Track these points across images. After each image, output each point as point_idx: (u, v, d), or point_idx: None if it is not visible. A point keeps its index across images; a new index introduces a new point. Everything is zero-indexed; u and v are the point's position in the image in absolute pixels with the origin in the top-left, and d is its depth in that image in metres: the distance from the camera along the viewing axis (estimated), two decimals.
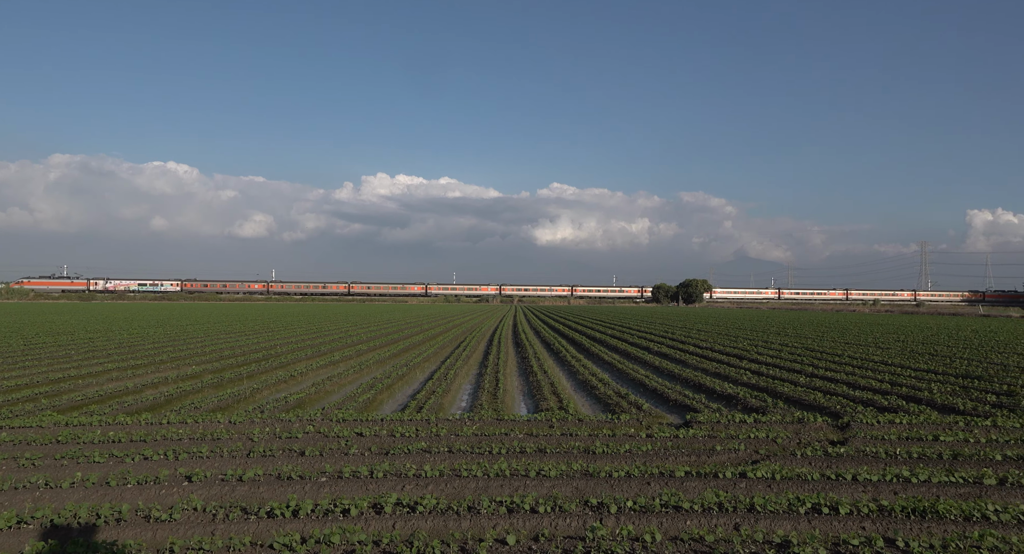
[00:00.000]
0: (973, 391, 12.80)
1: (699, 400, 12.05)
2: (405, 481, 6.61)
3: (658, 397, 13.32)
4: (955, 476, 6.69)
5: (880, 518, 5.47)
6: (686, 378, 15.52)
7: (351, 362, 19.38)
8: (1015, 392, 12.48)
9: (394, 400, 13.22)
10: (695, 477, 6.76)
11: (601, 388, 13.68)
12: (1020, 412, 10.56)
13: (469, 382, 15.81)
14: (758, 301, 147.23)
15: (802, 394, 12.40)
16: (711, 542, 5.02)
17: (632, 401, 11.92)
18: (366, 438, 8.67)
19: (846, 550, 4.88)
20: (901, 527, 5.30)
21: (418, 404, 11.56)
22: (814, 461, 7.51)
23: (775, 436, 8.76)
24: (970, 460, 7.47)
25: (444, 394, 12.99)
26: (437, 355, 22.07)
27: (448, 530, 5.36)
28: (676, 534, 5.22)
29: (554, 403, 11.77)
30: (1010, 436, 8.72)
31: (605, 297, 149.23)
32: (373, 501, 5.96)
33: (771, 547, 4.92)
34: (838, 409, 10.82)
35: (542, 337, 30.69)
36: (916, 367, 16.94)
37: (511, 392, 14.19)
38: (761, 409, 11.13)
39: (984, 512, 5.54)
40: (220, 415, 10.13)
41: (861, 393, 12.52)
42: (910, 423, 9.58)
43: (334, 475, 6.92)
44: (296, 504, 5.78)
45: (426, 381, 15.10)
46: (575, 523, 5.46)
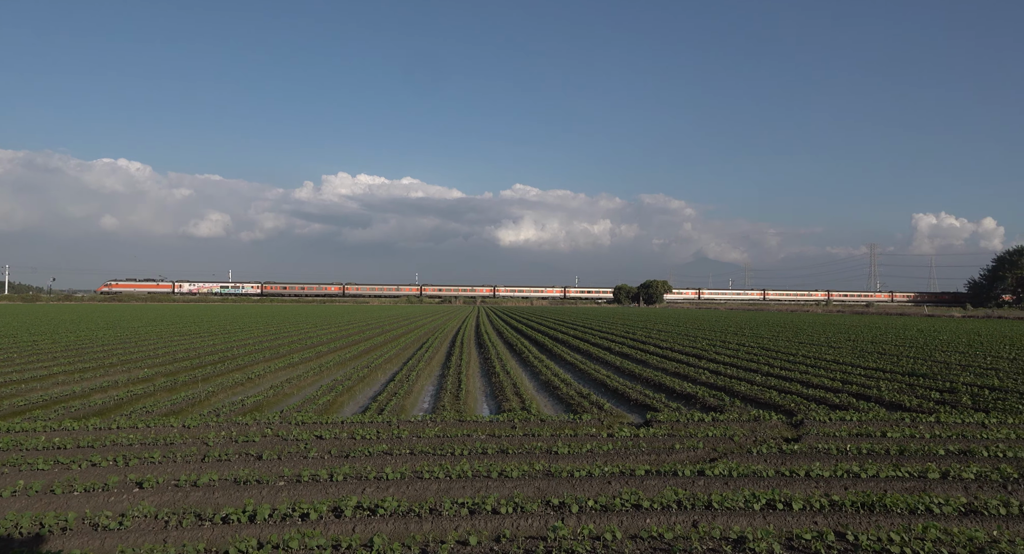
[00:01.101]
0: (918, 388, 13.32)
1: (659, 399, 12.23)
2: (366, 484, 6.53)
3: (619, 397, 13.48)
4: (901, 471, 6.95)
5: (831, 512, 5.65)
6: (647, 378, 15.74)
7: (311, 364, 19.06)
8: (957, 389, 13.03)
9: (355, 402, 13.05)
10: (655, 475, 6.86)
11: (563, 388, 13.76)
12: (961, 408, 11.03)
13: (431, 383, 15.72)
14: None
15: (758, 393, 12.70)
16: (670, 539, 5.10)
17: (594, 401, 12.03)
18: (326, 441, 8.53)
19: (799, 545, 5.02)
20: (851, 521, 5.48)
21: (379, 406, 11.44)
22: (769, 458, 7.70)
23: (732, 434, 8.96)
24: (915, 455, 7.77)
25: (406, 395, 12.89)
26: (399, 356, 21.88)
27: (409, 532, 5.32)
28: (636, 532, 5.29)
29: (516, 404, 11.80)
30: (952, 431, 9.10)
31: (568, 298, 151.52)
32: (333, 505, 5.87)
33: (728, 543, 5.03)
34: (792, 407, 11.12)
35: (505, 338, 30.72)
36: (866, 366, 17.54)
37: (474, 393, 14.16)
38: (719, 408, 11.37)
39: (928, 505, 5.77)
40: (173, 419, 9.84)
41: (814, 391, 12.89)
42: (860, 420, 9.91)
43: (293, 479, 6.80)
44: (253, 509, 5.66)
45: (388, 383, 14.95)
46: (537, 523, 5.48)
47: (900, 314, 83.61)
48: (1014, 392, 12.60)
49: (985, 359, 19.24)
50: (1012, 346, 24.53)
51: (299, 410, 10.88)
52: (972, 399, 11.83)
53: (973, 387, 13.29)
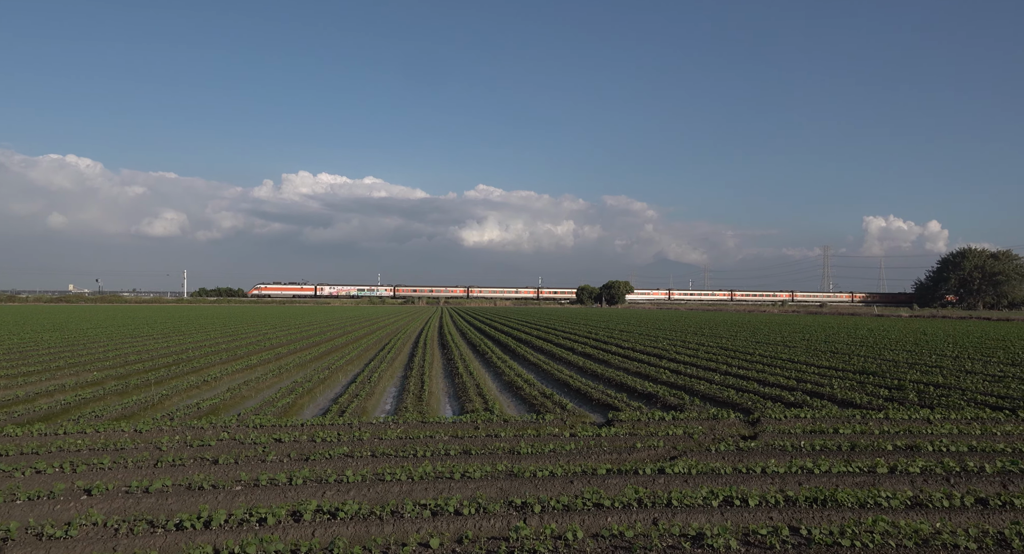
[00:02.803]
0: (868, 386, 13.79)
1: (621, 399, 12.37)
2: (326, 487, 6.44)
3: (582, 397, 13.59)
4: (852, 466, 7.18)
5: (786, 508, 5.80)
6: (609, 378, 15.90)
7: (270, 366, 18.68)
8: (904, 386, 13.54)
9: (315, 404, 12.85)
10: (616, 474, 6.93)
11: (527, 389, 13.80)
12: (908, 405, 11.46)
13: (394, 385, 15.58)
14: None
15: (717, 392, 12.96)
16: (630, 537, 5.17)
17: (557, 401, 12.10)
18: (285, 444, 8.38)
19: (755, 540, 5.14)
20: (804, 516, 5.64)
21: (340, 408, 11.28)
22: (727, 456, 7.87)
23: (692, 432, 9.12)
24: (865, 451, 8.04)
25: (368, 397, 12.74)
26: (361, 357, 21.63)
27: (370, 535, 5.26)
28: (597, 531, 5.34)
29: (480, 404, 11.78)
30: (900, 427, 9.45)
31: (531, 299, 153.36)
32: (292, 509, 5.76)
33: (686, 540, 5.11)
34: (750, 405, 11.38)
35: (468, 338, 30.66)
36: (819, 364, 18.07)
37: (436, 394, 14.09)
38: (679, 407, 11.56)
39: (876, 499, 5.98)
40: (124, 423, 9.52)
41: (770, 390, 13.23)
42: (813, 417, 10.20)
43: (250, 483, 6.65)
44: (208, 515, 5.51)
45: (349, 384, 14.76)
46: (499, 524, 5.48)
47: (852, 314, 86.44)
48: (956, 389, 13.15)
49: (930, 357, 20.03)
50: (955, 345, 25.60)
51: (257, 413, 10.65)
52: (918, 396, 12.31)
53: (919, 384, 13.82)
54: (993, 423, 9.71)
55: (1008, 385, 13.64)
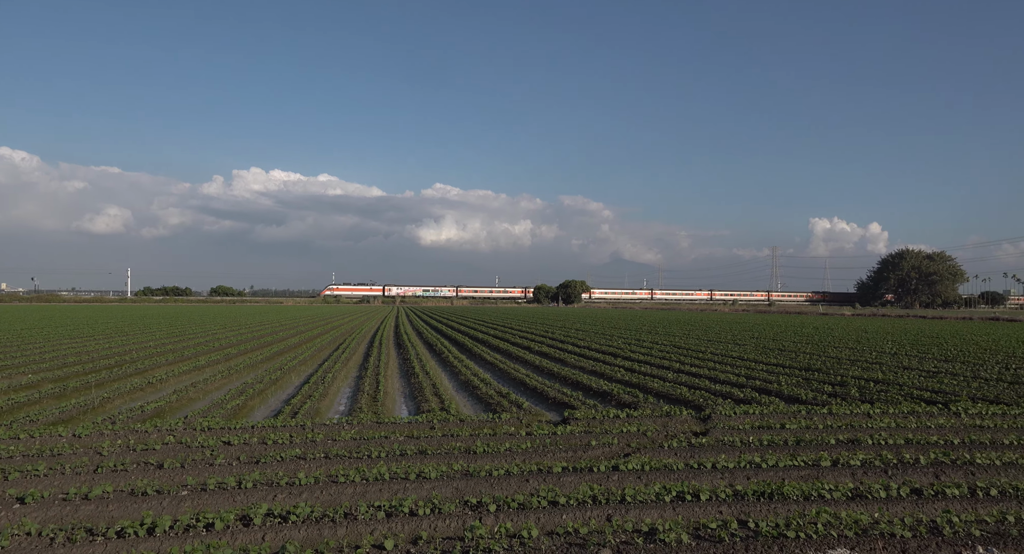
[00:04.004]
0: (813, 382, 14.29)
1: (577, 397, 12.49)
2: (277, 490, 6.29)
3: (538, 395, 13.66)
4: (798, 460, 7.43)
5: (735, 502, 5.96)
6: (565, 376, 16.03)
7: (219, 367, 18.16)
8: (847, 383, 14.08)
9: (267, 406, 12.55)
10: (571, 472, 6.99)
11: (483, 388, 13.80)
12: (850, 400, 11.92)
13: (348, 385, 15.36)
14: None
15: (670, 389, 13.22)
16: (585, 534, 5.22)
17: (513, 400, 12.13)
18: (234, 447, 8.15)
19: (705, 534, 5.26)
20: (753, 509, 5.80)
21: (293, 409, 11.06)
22: (679, 452, 8.03)
23: (645, 430, 9.28)
24: (810, 445, 8.33)
25: (321, 398, 12.52)
26: (314, 358, 21.24)
27: (323, 538, 5.17)
28: (552, 529, 5.38)
29: (436, 404, 11.72)
30: (842, 422, 9.82)
31: (488, 298, 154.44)
32: (241, 513, 5.61)
33: (639, 535, 5.20)
34: (701, 402, 11.65)
35: (425, 338, 30.45)
36: (767, 361, 18.63)
37: (392, 394, 13.95)
38: (633, 404, 11.74)
39: (820, 491, 6.20)
40: (62, 428, 9.10)
41: (721, 387, 13.57)
42: (762, 413, 10.51)
43: (197, 488, 6.45)
44: (152, 521, 5.32)
45: (302, 385, 14.47)
46: (454, 524, 5.46)
47: (799, 313, 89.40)
48: (895, 384, 13.75)
49: (871, 354, 20.89)
50: (894, 342, 26.77)
51: (205, 415, 10.34)
52: (859, 392, 12.81)
53: (860, 380, 14.39)
54: (928, 417, 10.19)
55: (941, 381, 14.33)
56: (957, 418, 10.04)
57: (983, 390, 12.88)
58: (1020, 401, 11.60)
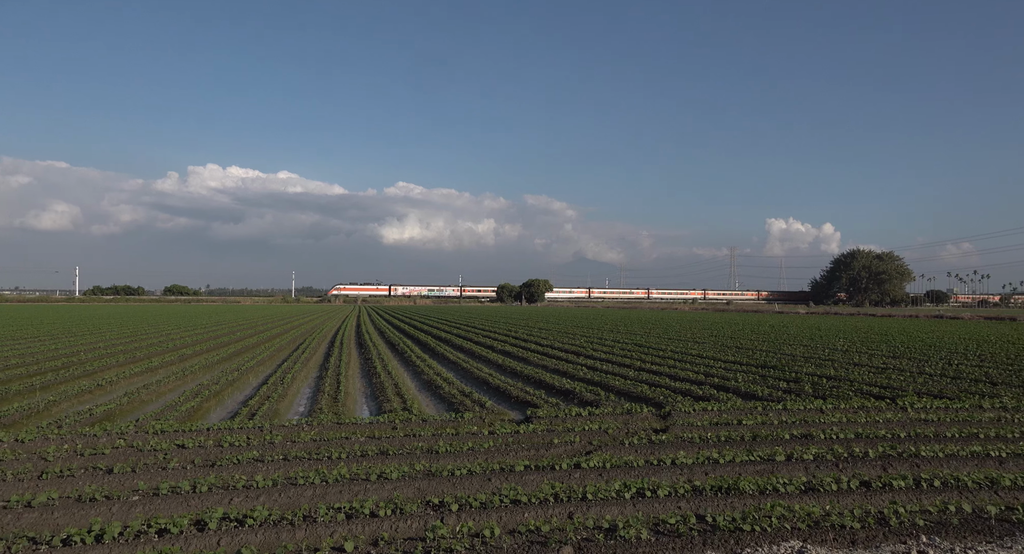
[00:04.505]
0: (769, 379, 14.66)
1: (539, 396, 12.54)
2: (233, 493, 6.15)
3: (501, 394, 13.67)
4: (753, 455, 7.61)
5: (693, 497, 6.07)
6: (528, 375, 16.08)
7: (174, 368, 17.65)
8: (801, 379, 14.49)
9: (223, 407, 12.25)
10: (534, 470, 7.02)
11: (446, 387, 13.74)
12: (804, 396, 12.27)
13: (308, 386, 15.10)
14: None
15: (631, 387, 13.39)
16: (547, 532, 5.25)
17: (476, 399, 12.11)
18: (189, 450, 7.93)
19: (665, 529, 5.35)
20: (710, 504, 5.92)
21: (250, 411, 10.81)
22: (640, 449, 8.14)
23: (607, 427, 9.37)
24: (766, 440, 8.54)
25: (280, 399, 12.29)
26: (273, 358, 20.82)
27: (280, 542, 5.07)
28: (514, 527, 5.39)
29: (398, 404, 11.62)
30: (796, 418, 10.10)
31: (452, 297, 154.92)
32: (195, 518, 5.47)
33: (600, 532, 5.25)
34: (661, 400, 11.83)
35: (387, 337, 30.16)
36: (725, 359, 19.04)
37: (353, 394, 13.78)
38: (595, 402, 11.85)
39: (775, 485, 6.36)
40: (3, 433, 8.71)
41: (681, 384, 13.80)
42: (720, 410, 10.73)
43: (149, 493, 6.25)
44: (101, 528, 5.14)
45: (260, 386, 14.17)
46: (416, 524, 5.43)
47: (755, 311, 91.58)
48: (846, 380, 14.21)
49: (824, 352, 21.54)
50: (845, 339, 27.66)
51: (158, 418, 10.04)
52: (813, 388, 13.20)
53: (814, 377, 14.83)
54: (876, 411, 10.56)
55: (889, 376, 14.87)
56: (904, 412, 10.43)
57: (928, 385, 13.41)
58: (962, 396, 12.11)
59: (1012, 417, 10.04)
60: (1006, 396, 12.00)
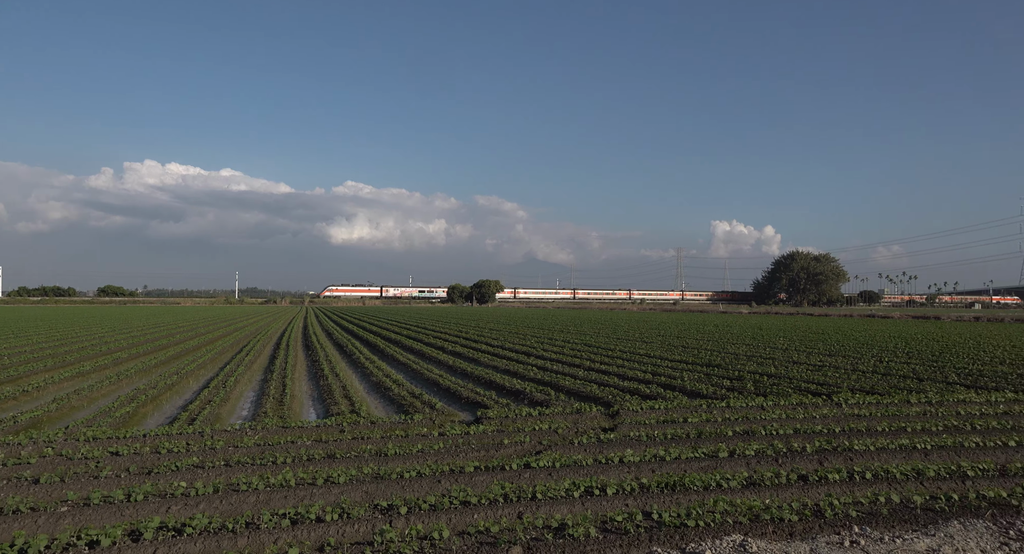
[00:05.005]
0: (714, 377, 15.07)
1: (490, 396, 12.55)
2: (171, 502, 5.92)
3: (451, 395, 13.61)
4: (698, 452, 7.82)
5: (640, 494, 6.19)
6: (478, 376, 16.07)
7: (107, 372, 16.87)
8: (743, 377, 14.96)
9: (161, 413, 11.79)
10: (484, 471, 7.02)
11: (395, 389, 13.59)
12: (746, 394, 12.67)
13: (252, 389, 14.68)
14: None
15: (580, 386, 13.54)
16: (496, 532, 5.26)
17: (426, 401, 12.03)
18: (123, 457, 7.59)
19: (612, 526, 5.43)
20: (657, 500, 6.05)
21: (190, 415, 10.44)
22: (588, 448, 8.24)
23: (557, 427, 9.45)
24: (710, 437, 8.78)
25: (222, 403, 11.90)
26: (216, 361, 20.16)
27: (222, 550, 4.91)
28: (464, 529, 5.37)
29: (346, 407, 11.42)
30: (739, 414, 10.42)
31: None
32: (130, 528, 5.24)
33: (549, 531, 5.29)
34: (610, 399, 12.01)
35: (335, 339, 29.61)
36: (672, 358, 19.47)
37: (299, 397, 13.47)
38: (545, 402, 11.93)
39: (718, 481, 6.55)
40: None
41: (629, 383, 14.04)
42: (666, 408, 10.97)
43: (79, 503, 5.96)
44: (25, 541, 4.86)
45: (201, 390, 13.69)
46: (364, 528, 5.35)
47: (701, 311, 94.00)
48: (785, 378, 14.75)
49: (765, 350, 22.30)
50: (785, 338, 28.70)
51: (90, 425, 9.57)
52: (755, 385, 13.64)
53: (755, 375, 15.33)
54: (813, 407, 10.99)
55: (826, 373, 15.51)
56: (839, 408, 10.89)
57: (861, 381, 14.05)
58: (891, 391, 12.74)
59: (936, 411, 10.62)
60: (931, 391, 12.68)
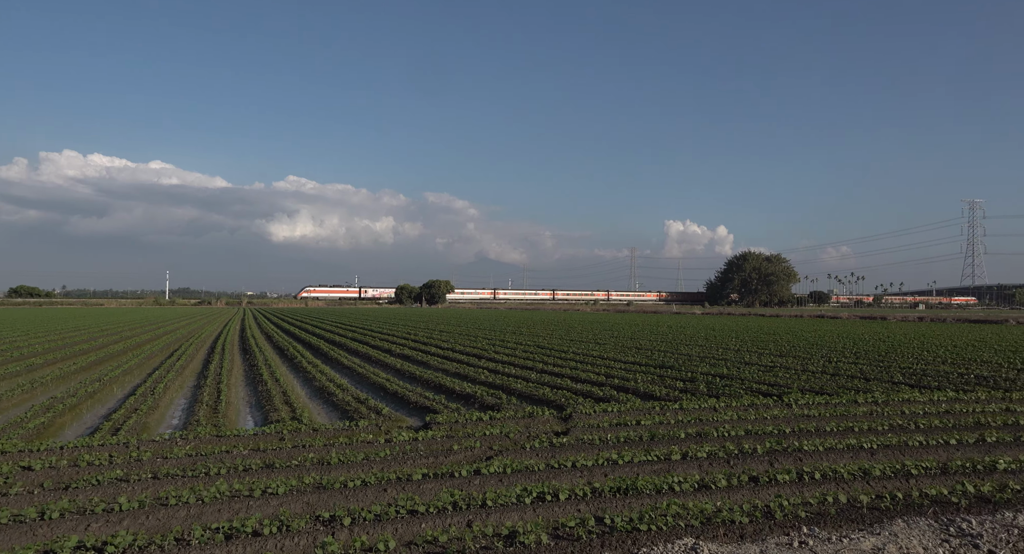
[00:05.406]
0: (667, 379, 15.38)
1: (439, 401, 12.48)
2: (91, 519, 5.65)
3: (399, 400, 13.47)
4: (651, 455, 7.96)
5: (593, 499, 6.25)
6: (427, 379, 15.95)
7: (19, 380, 16.00)
8: (696, 379, 15.32)
9: (81, 423, 11.26)
10: (432, 479, 6.97)
11: (339, 394, 13.36)
12: (699, 396, 12.98)
13: (184, 396, 14.18)
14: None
15: (533, 389, 13.61)
16: (444, 542, 5.22)
17: (372, 406, 11.87)
18: (36, 473, 7.22)
19: (564, 532, 5.47)
20: (609, 505, 6.13)
21: (114, 425, 10.01)
22: (541, 452, 8.29)
23: (508, 431, 9.47)
24: (663, 440, 8.96)
25: (150, 412, 11.46)
26: (143, 366, 19.39)
27: None
28: (411, 538, 5.32)
29: (286, 413, 11.16)
30: (691, 416, 10.67)
31: (346, 298, 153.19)
32: (44, 549, 4.98)
33: (500, 539, 5.29)
34: (563, 402, 12.11)
35: (275, 342, 28.91)
36: (625, 360, 19.78)
37: (236, 404, 13.09)
38: (497, 406, 11.94)
39: (671, 484, 6.68)
40: None
41: (582, 386, 14.19)
42: (619, 411, 11.14)
43: None
44: None
45: (127, 398, 13.14)
46: (304, 541, 5.23)
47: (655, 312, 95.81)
48: (737, 379, 15.18)
49: (718, 351, 22.90)
50: (737, 339, 29.55)
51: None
52: (707, 387, 13.99)
53: (708, 376, 15.73)
54: (765, 408, 11.35)
55: (776, 374, 16.04)
56: (789, 409, 11.28)
57: (810, 382, 14.59)
58: (839, 391, 13.27)
59: (882, 411, 11.12)
60: (877, 391, 13.27)
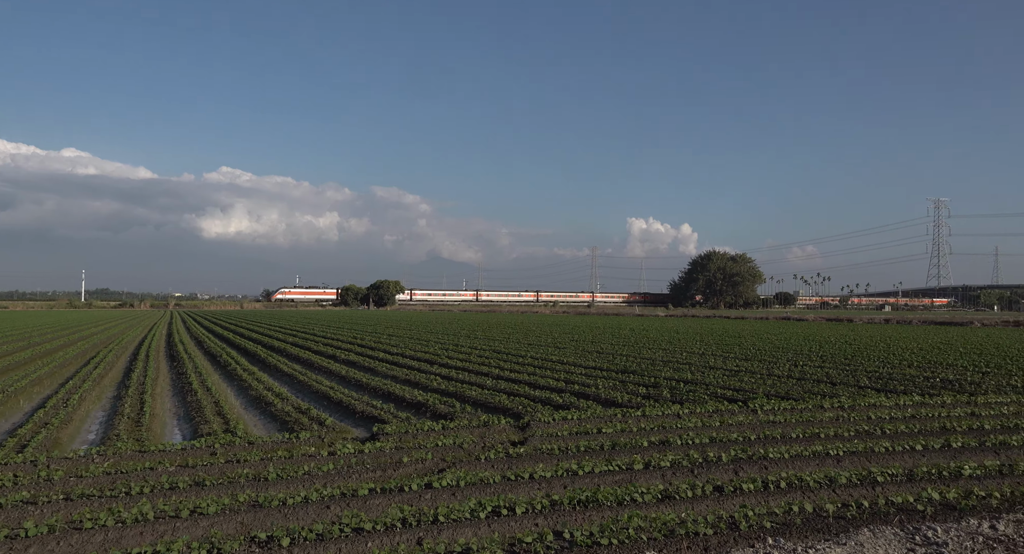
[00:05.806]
0: (629, 385, 15.58)
1: (388, 410, 12.35)
2: None
3: (344, 410, 13.28)
4: (613, 465, 8.04)
5: (551, 512, 6.28)
6: (375, 387, 15.77)
7: None
8: (659, 384, 15.56)
9: None
10: (380, 494, 6.89)
11: (278, 404, 13.09)
12: (663, 402, 13.19)
13: (102, 408, 13.68)
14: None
15: (488, 397, 13.60)
16: None
17: (314, 416, 11.67)
18: None
19: (521, 548, 5.48)
20: (569, 518, 6.16)
21: (20, 442, 9.57)
22: (496, 464, 8.28)
23: (462, 442, 9.43)
24: (625, 449, 9.06)
25: (63, 426, 11.01)
26: (55, 376, 18.62)
27: None
28: None
29: (219, 426, 10.87)
30: (654, 424, 10.82)
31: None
32: None
33: None
34: (520, 410, 12.13)
35: (206, 348, 28.15)
36: (586, 365, 19.96)
37: (161, 416, 12.69)
38: (450, 415, 11.88)
39: (633, 495, 6.76)
40: None
41: (540, 392, 14.25)
42: (580, 418, 11.22)
43: None
44: None
45: (35, 411, 12.59)
46: None
47: (616, 314, 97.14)
48: (702, 384, 15.48)
49: (681, 355, 23.32)
50: (701, 342, 30.16)
51: None
52: (671, 392, 14.22)
53: (672, 381, 15.99)
54: (729, 415, 11.60)
55: (742, 379, 16.42)
56: (754, 415, 11.56)
57: (776, 387, 14.99)
58: (805, 396, 13.67)
59: (848, 416, 11.50)
60: (843, 396, 13.72)
